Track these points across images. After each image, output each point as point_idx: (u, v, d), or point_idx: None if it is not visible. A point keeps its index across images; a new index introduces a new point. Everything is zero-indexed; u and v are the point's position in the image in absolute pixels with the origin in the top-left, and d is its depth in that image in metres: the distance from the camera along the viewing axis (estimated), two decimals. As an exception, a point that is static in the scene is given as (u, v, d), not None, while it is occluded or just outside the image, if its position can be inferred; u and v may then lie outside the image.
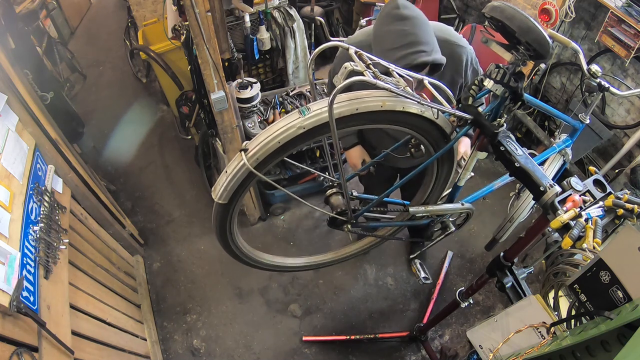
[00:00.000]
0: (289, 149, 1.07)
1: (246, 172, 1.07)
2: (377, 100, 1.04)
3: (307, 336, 2.36)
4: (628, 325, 0.80)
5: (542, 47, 1.01)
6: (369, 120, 1.09)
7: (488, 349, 1.28)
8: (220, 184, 1.10)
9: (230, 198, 1.12)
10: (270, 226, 2.87)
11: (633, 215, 1.30)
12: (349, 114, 1.03)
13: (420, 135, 1.22)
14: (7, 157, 1.48)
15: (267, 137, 1.03)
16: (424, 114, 1.12)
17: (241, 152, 1.05)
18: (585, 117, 1.49)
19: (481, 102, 1.19)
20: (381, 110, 1.05)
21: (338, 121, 1.02)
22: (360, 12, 3.87)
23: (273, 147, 1.03)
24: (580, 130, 1.54)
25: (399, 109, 1.06)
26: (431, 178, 1.42)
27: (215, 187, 1.12)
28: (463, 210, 1.48)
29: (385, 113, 1.07)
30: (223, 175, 1.10)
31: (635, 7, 2.15)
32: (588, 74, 1.30)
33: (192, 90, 2.66)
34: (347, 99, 1.03)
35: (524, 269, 1.49)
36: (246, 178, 1.09)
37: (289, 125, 1.02)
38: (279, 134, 1.02)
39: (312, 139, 1.07)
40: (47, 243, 1.50)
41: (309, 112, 1.02)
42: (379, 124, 1.14)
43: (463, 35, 2.97)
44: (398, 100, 1.06)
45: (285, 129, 1.02)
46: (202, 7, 1.65)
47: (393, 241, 2.74)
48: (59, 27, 4.42)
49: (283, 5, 2.39)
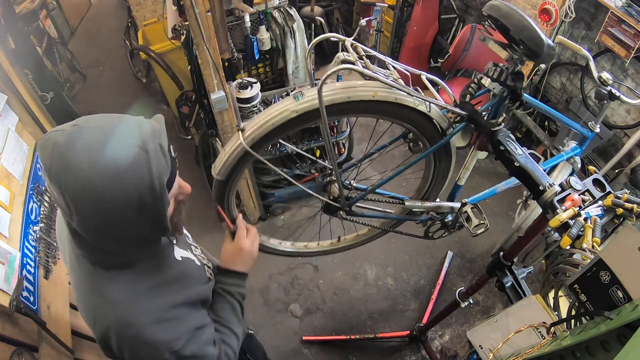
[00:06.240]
0: (283, 131, 1.13)
1: (242, 151, 1.13)
2: (370, 90, 1.08)
3: (307, 336, 2.36)
4: (628, 325, 0.79)
5: (536, 45, 1.02)
6: (361, 109, 1.13)
7: (488, 349, 1.28)
8: (220, 161, 1.17)
9: (228, 175, 1.19)
10: (270, 226, 2.86)
11: (632, 215, 1.30)
12: (340, 101, 1.07)
13: (415, 129, 1.24)
14: (7, 157, 1.48)
15: (262, 119, 1.10)
16: (417, 107, 1.14)
17: (239, 132, 1.11)
18: (595, 125, 1.46)
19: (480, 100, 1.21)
20: (373, 100, 1.09)
21: (330, 108, 1.07)
22: (360, 12, 3.88)
23: (268, 129, 1.09)
24: (590, 139, 1.49)
25: (391, 100, 1.10)
26: (429, 174, 1.43)
27: (215, 164, 1.19)
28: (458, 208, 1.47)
29: (378, 103, 1.10)
30: (222, 153, 1.17)
31: (635, 7, 2.15)
32: (599, 82, 1.29)
33: (192, 90, 2.66)
34: (341, 88, 1.08)
35: (523, 269, 1.49)
36: (242, 156, 1.15)
37: (283, 108, 1.08)
38: (273, 116, 1.08)
39: (305, 123, 1.13)
40: (47, 243, 1.50)
41: (302, 97, 1.07)
42: (372, 114, 1.18)
43: (463, 35, 2.98)
44: (391, 91, 1.09)
45: (279, 112, 1.08)
46: (202, 7, 1.65)
47: (393, 241, 2.75)
48: (59, 27, 4.42)
49: (283, 5, 2.39)
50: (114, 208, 0.69)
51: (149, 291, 0.81)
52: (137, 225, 0.74)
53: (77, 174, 0.66)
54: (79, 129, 0.69)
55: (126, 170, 0.68)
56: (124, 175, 0.68)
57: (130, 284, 0.80)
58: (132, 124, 0.73)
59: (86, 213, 0.69)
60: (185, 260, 0.95)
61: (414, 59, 3.51)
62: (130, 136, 0.71)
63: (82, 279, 0.83)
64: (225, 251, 1.09)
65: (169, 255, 0.91)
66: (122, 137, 0.70)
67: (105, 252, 0.78)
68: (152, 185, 0.71)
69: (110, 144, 0.68)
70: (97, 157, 0.67)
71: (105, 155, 0.67)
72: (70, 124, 0.71)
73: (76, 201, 0.68)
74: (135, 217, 0.72)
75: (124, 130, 0.71)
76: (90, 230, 0.73)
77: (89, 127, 0.70)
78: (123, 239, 0.77)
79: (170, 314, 0.82)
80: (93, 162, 0.67)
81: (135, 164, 0.69)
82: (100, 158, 0.67)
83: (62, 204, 0.70)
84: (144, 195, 0.71)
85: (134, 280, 0.81)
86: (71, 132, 0.69)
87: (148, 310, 0.80)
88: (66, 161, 0.66)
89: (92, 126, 0.70)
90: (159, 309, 0.81)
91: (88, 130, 0.69)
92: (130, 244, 0.79)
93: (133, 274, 0.81)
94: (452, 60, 3.05)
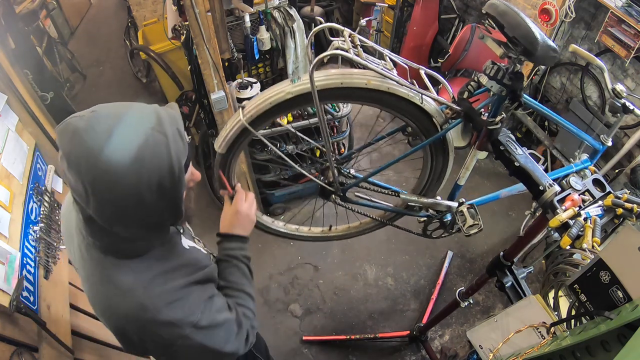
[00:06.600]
0: (279, 111, 1.21)
1: (242, 127, 1.21)
2: (363, 78, 1.12)
3: (307, 336, 2.36)
4: (628, 325, 0.79)
5: (530, 43, 1.02)
6: (354, 96, 1.18)
7: (488, 349, 1.28)
8: (221, 136, 1.26)
9: (228, 149, 1.28)
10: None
11: (632, 215, 1.30)
12: (334, 86, 1.13)
13: (411, 121, 1.27)
14: (7, 157, 1.48)
15: (261, 98, 1.18)
16: (410, 99, 1.16)
17: (240, 109, 1.20)
18: (608, 138, 1.42)
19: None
20: (366, 87, 1.13)
21: (324, 92, 1.13)
22: (360, 12, 3.88)
23: (265, 107, 1.17)
24: (602, 152, 1.45)
25: (383, 89, 1.14)
26: (426, 169, 1.44)
27: (217, 139, 1.28)
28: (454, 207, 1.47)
29: (371, 92, 1.15)
30: (224, 129, 1.26)
31: (635, 7, 2.15)
32: (612, 94, 1.28)
33: (192, 90, 2.66)
34: (335, 74, 1.14)
35: (523, 269, 1.49)
36: (242, 132, 1.24)
37: (279, 90, 1.16)
38: (270, 96, 1.16)
39: (300, 105, 1.20)
40: (47, 243, 1.50)
41: (299, 80, 1.15)
42: (365, 101, 1.22)
43: (463, 35, 2.98)
44: (384, 81, 1.13)
45: (276, 93, 1.16)
46: (202, 7, 1.65)
47: (393, 241, 2.75)
48: (59, 27, 4.42)
49: (283, 5, 2.38)
50: (133, 191, 0.71)
51: (161, 276, 0.83)
52: (154, 208, 0.75)
53: (97, 157, 0.67)
54: (98, 115, 0.71)
55: (146, 153, 0.70)
56: (144, 158, 0.70)
57: (142, 271, 0.82)
58: (149, 110, 0.75)
59: (105, 197, 0.70)
60: (192, 248, 0.98)
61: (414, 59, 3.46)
62: (149, 121, 0.73)
63: (93, 270, 0.84)
64: (224, 216, 1.13)
65: (177, 243, 0.93)
66: (141, 122, 0.72)
67: (119, 239, 0.79)
68: (172, 167, 0.73)
69: (130, 127, 0.70)
70: (118, 140, 0.69)
71: (126, 138, 0.69)
72: (88, 111, 0.73)
73: (95, 185, 0.69)
74: (154, 200, 0.73)
75: (142, 115, 0.74)
76: (107, 216, 0.74)
77: (107, 112, 0.72)
78: (139, 224, 0.78)
79: (182, 293, 0.84)
80: (114, 145, 0.68)
81: (155, 147, 0.71)
82: (121, 141, 0.69)
83: (79, 190, 0.70)
84: (163, 177, 0.73)
85: (145, 267, 0.83)
86: (90, 117, 0.70)
87: (161, 293, 0.81)
88: (87, 145, 0.68)
89: (110, 112, 0.72)
90: (171, 290, 0.83)
91: (107, 115, 0.71)
92: (147, 228, 0.80)
93: (144, 262, 0.83)
94: (452, 60, 3.05)
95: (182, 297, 0.84)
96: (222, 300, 0.93)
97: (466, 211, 1.42)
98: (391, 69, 1.14)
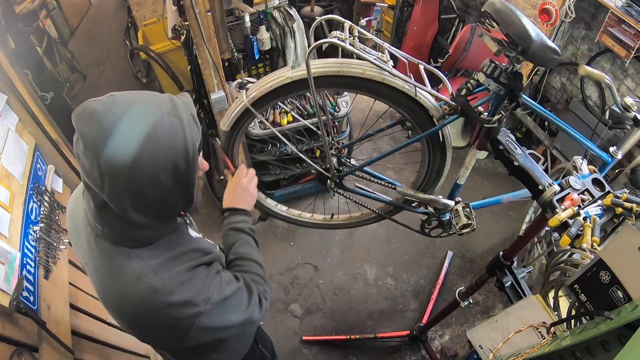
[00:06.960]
0: (279, 94, 1.29)
1: (244, 107, 1.30)
2: (359, 68, 1.17)
3: (307, 336, 2.36)
4: (628, 325, 0.79)
5: (523, 40, 1.03)
6: (350, 85, 1.23)
7: (488, 349, 1.28)
8: (226, 116, 1.37)
9: (232, 126, 1.38)
10: (270, 226, 2.86)
11: (632, 214, 1.30)
12: (330, 74, 1.19)
13: (407, 114, 1.30)
14: (7, 157, 1.48)
15: (263, 82, 1.26)
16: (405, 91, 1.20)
17: (244, 91, 1.30)
18: (617, 151, 1.42)
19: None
20: (362, 77, 1.18)
21: (321, 79, 1.20)
22: (360, 12, 3.88)
23: (266, 90, 1.25)
24: (610, 165, 1.43)
25: (379, 79, 1.18)
26: (424, 165, 1.45)
27: (223, 119, 1.39)
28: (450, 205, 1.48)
29: (367, 82, 1.19)
30: (229, 109, 1.36)
31: (635, 7, 2.15)
32: (622, 108, 1.28)
33: (192, 90, 2.66)
34: (334, 62, 1.20)
35: (523, 269, 1.49)
36: (244, 112, 1.33)
37: (280, 75, 1.24)
38: (272, 80, 1.24)
39: (299, 90, 1.28)
40: (47, 243, 1.50)
41: (298, 67, 1.21)
42: (361, 90, 1.26)
43: (463, 35, 2.98)
44: (380, 72, 1.17)
45: (277, 78, 1.24)
46: (202, 7, 1.65)
47: (394, 241, 2.75)
48: (59, 27, 4.42)
49: (283, 5, 2.39)
50: (150, 173, 0.72)
51: (169, 261, 0.85)
52: (169, 192, 0.77)
53: (115, 138, 0.69)
54: (115, 99, 0.73)
55: (163, 135, 0.72)
56: (161, 140, 0.72)
57: (152, 258, 0.83)
58: (163, 96, 0.78)
59: (121, 180, 0.71)
60: (199, 238, 1.00)
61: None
62: (164, 105, 0.75)
63: (102, 262, 0.85)
64: (227, 192, 1.19)
65: (185, 232, 0.95)
66: (156, 106, 0.74)
67: (131, 227, 0.80)
68: (187, 150, 0.75)
69: (147, 111, 0.72)
70: (136, 122, 0.70)
71: (144, 121, 0.71)
72: (106, 95, 0.74)
73: (112, 168, 0.70)
74: (169, 183, 0.75)
75: (158, 100, 0.76)
76: (121, 200, 0.74)
77: (124, 96, 0.74)
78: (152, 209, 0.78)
79: (191, 274, 0.86)
80: (132, 126, 0.70)
81: (171, 130, 0.73)
82: (139, 123, 0.71)
83: (94, 174, 0.71)
84: (179, 159, 0.75)
85: (154, 255, 0.84)
86: (108, 101, 0.72)
87: (171, 276, 0.83)
88: (105, 127, 0.69)
89: (127, 96, 0.74)
90: (181, 272, 0.85)
91: (124, 99, 0.73)
92: (159, 213, 0.81)
93: (153, 250, 0.85)
94: (452, 60, 3.05)
95: (191, 277, 0.86)
96: (228, 273, 0.96)
97: (461, 210, 1.43)
98: (387, 61, 1.18)
